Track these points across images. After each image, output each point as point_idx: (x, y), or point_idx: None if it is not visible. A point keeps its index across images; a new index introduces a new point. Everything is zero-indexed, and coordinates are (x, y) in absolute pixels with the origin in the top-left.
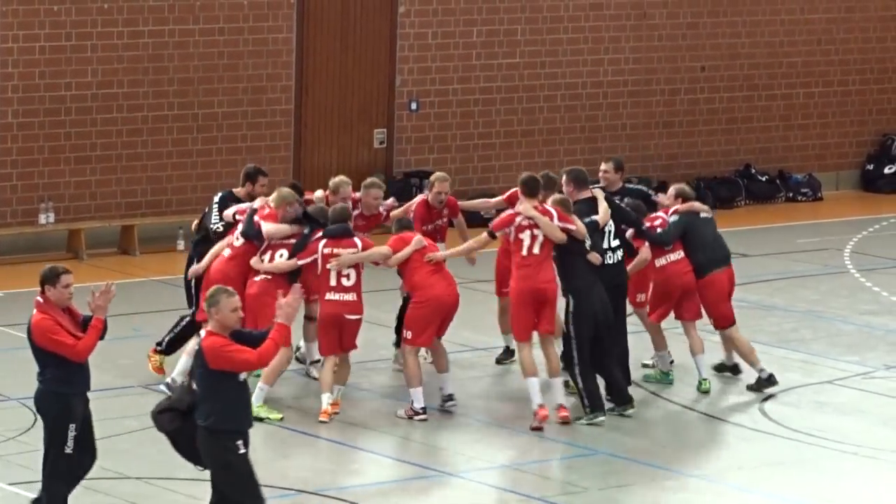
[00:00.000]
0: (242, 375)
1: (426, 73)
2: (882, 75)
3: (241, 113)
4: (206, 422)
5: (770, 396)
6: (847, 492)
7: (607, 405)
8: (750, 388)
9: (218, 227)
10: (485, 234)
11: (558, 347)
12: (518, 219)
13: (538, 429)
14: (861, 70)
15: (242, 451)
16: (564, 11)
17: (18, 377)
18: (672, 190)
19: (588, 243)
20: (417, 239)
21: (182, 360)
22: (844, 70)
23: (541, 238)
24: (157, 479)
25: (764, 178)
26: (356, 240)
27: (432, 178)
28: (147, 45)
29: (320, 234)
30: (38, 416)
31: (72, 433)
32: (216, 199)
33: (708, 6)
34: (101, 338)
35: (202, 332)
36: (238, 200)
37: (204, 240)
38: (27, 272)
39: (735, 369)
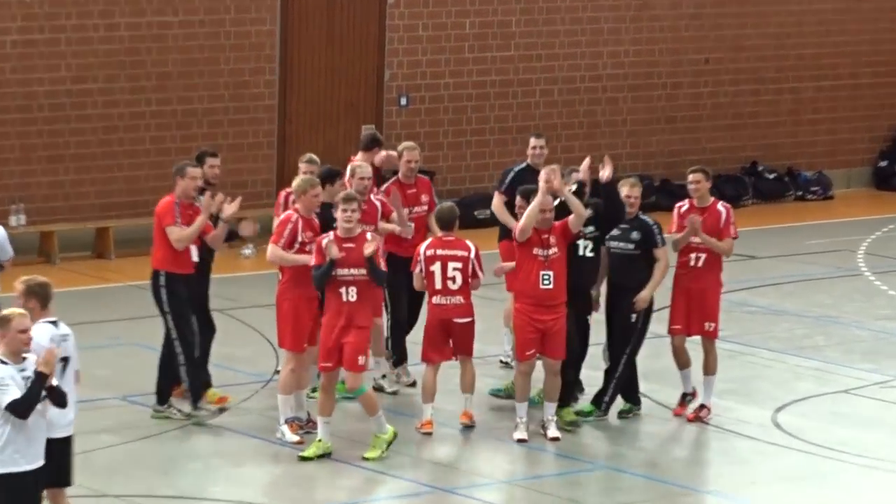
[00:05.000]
0: None
1: (416, 67)
2: (895, 67)
3: (222, 109)
4: None
5: (783, 407)
6: None
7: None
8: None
9: None
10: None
11: None
12: None
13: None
14: (873, 62)
15: None
16: (561, 2)
17: None
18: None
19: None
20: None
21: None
22: (856, 62)
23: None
24: (137, 496)
25: (772, 176)
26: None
27: (400, 147)
28: (123, 38)
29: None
30: None
31: None
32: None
33: None
34: None
35: None
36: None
37: None
38: None
39: None
